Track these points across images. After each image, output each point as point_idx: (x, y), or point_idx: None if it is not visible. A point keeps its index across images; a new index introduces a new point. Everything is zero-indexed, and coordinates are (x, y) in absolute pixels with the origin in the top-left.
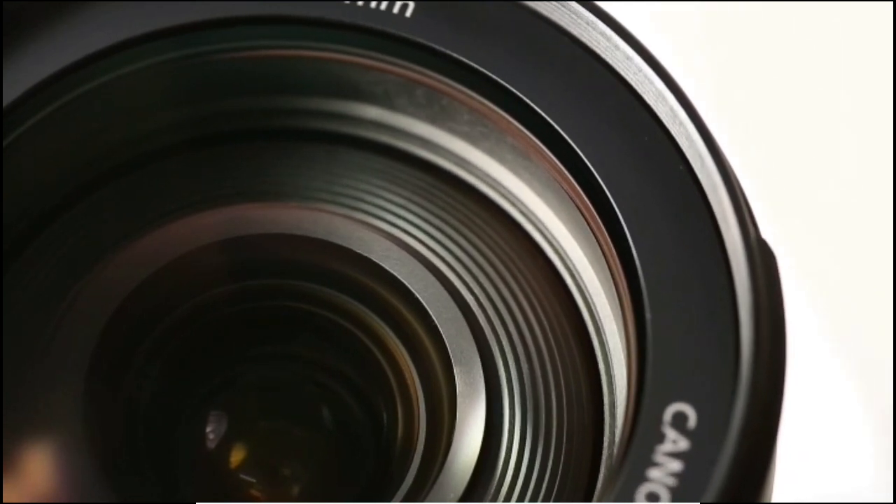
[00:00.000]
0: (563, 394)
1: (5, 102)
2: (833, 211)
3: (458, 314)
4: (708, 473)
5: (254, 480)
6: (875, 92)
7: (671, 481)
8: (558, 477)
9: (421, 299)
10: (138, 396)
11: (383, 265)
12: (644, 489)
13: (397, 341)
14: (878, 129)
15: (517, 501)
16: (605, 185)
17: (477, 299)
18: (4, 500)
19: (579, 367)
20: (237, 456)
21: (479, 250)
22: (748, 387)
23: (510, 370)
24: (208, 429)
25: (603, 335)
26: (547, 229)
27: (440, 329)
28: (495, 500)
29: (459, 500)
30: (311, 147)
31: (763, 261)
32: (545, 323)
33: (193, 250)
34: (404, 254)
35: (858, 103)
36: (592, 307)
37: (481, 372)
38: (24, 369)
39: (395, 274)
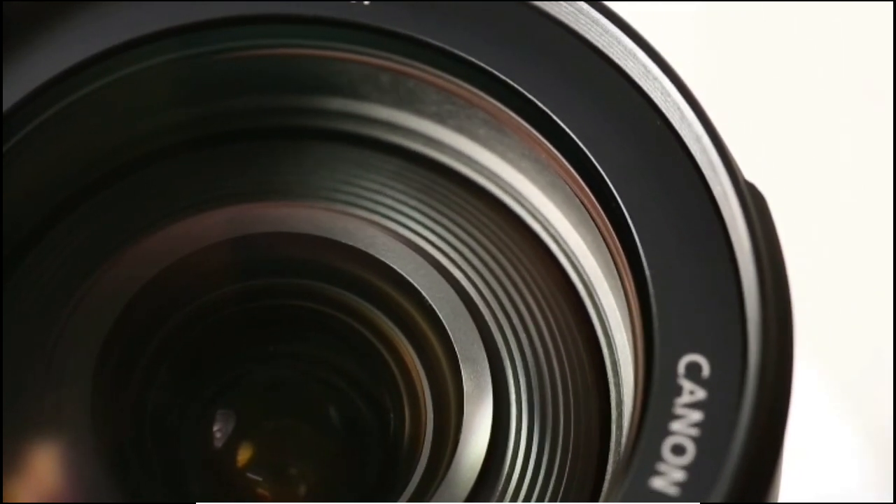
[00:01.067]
0: (568, 374)
1: (8, 105)
2: (833, 212)
3: (463, 308)
4: (730, 420)
5: (261, 479)
6: (875, 92)
7: (694, 431)
8: (567, 462)
9: (424, 293)
10: (145, 395)
11: (387, 262)
12: (669, 443)
13: (404, 340)
14: (879, 130)
15: (528, 489)
16: (586, 147)
17: (472, 282)
18: (13, 499)
19: (582, 350)
20: (244, 455)
21: (470, 234)
22: (758, 329)
23: (516, 362)
24: (215, 428)
25: (597, 301)
26: (526, 199)
27: (445, 324)
28: (504, 495)
29: (467, 497)
30: (316, 146)
31: (754, 204)
32: (543, 302)
33: (198, 250)
34: (410, 252)
35: (858, 103)
36: (581, 272)
37: (488, 370)
38: (31, 369)
39: (401, 272)
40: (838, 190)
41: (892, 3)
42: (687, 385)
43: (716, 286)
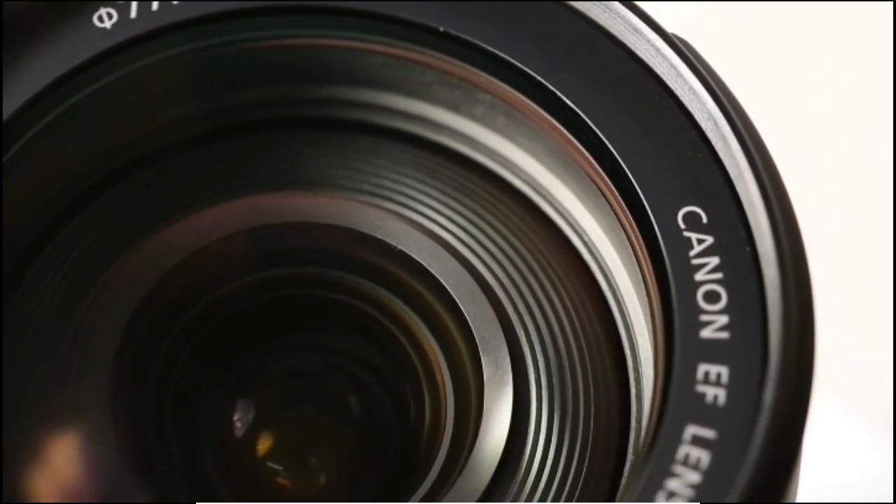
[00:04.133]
0: (587, 359)
1: (28, 96)
2: (833, 211)
3: (482, 297)
4: (747, 252)
5: (280, 469)
6: (875, 92)
7: (719, 275)
8: (588, 446)
9: (443, 281)
10: (165, 385)
11: (408, 252)
12: (700, 292)
13: (424, 329)
14: (879, 130)
15: (549, 475)
16: (590, 121)
17: (490, 270)
18: (34, 490)
19: (602, 339)
20: (264, 444)
21: (488, 223)
22: (739, 159)
23: (535, 351)
24: (235, 417)
25: (615, 287)
26: (538, 182)
27: (464, 312)
28: (525, 482)
29: (487, 487)
30: (334, 136)
31: (690, 52)
32: (561, 289)
33: (217, 240)
34: (429, 240)
35: (858, 103)
36: (600, 260)
37: (508, 359)
38: (50, 362)
39: (420, 261)
40: (839, 190)
41: (892, 3)
42: (693, 236)
43: (681, 139)
